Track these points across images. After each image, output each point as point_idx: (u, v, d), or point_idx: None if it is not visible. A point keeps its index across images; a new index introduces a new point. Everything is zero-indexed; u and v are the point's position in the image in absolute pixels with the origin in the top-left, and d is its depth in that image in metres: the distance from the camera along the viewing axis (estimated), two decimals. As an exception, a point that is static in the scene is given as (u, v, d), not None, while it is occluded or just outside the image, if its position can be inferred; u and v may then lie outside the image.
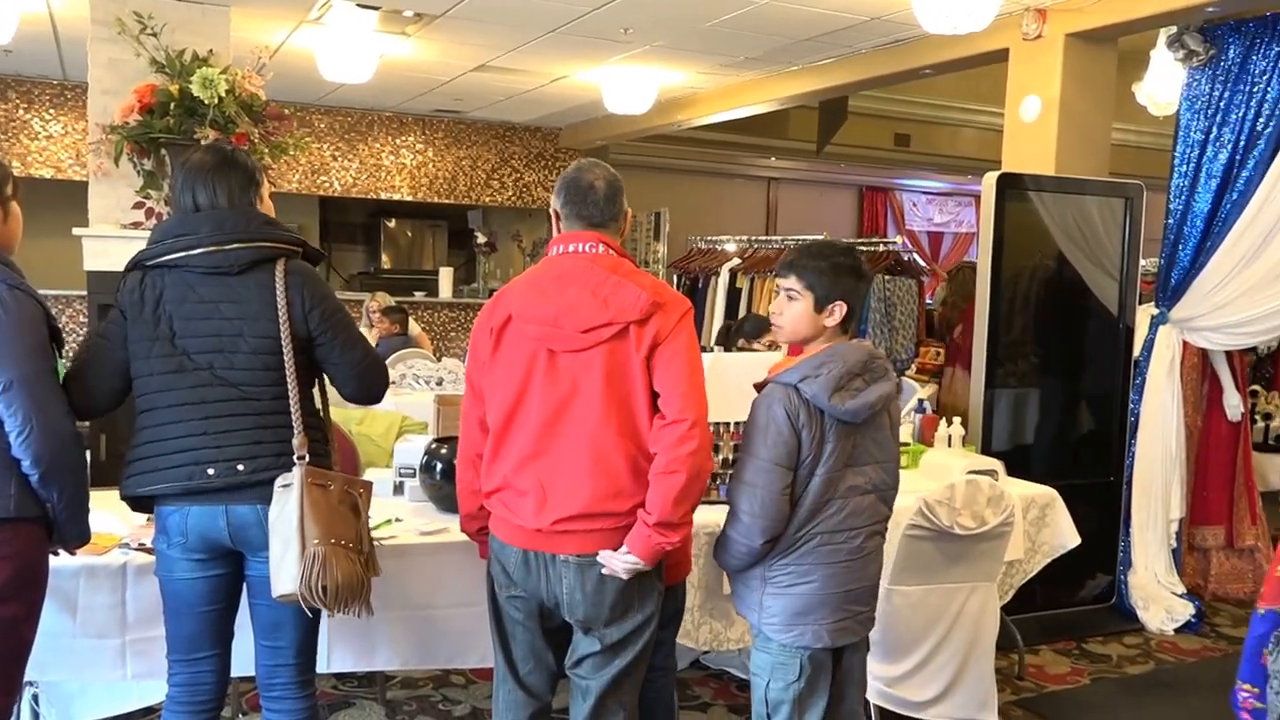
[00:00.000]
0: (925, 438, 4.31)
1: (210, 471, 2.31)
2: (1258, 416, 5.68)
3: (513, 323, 2.35)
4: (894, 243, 6.26)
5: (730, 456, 3.56)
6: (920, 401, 4.47)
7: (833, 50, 6.43)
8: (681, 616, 3.03)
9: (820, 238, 6.44)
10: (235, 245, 2.37)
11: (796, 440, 2.40)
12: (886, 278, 5.83)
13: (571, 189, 2.43)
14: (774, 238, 7.39)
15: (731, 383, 3.53)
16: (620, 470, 2.29)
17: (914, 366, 6.68)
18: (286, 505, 2.29)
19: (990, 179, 4.61)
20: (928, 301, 8.89)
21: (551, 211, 2.48)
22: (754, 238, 7.28)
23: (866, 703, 3.48)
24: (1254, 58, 4.59)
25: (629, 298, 2.30)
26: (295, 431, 2.36)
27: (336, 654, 2.81)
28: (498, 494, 2.38)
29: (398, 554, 2.79)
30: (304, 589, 2.26)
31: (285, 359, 2.36)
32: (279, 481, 2.32)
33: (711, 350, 4.83)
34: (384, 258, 11.00)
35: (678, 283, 7.65)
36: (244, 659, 2.54)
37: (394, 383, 5.76)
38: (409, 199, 10.20)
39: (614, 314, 2.29)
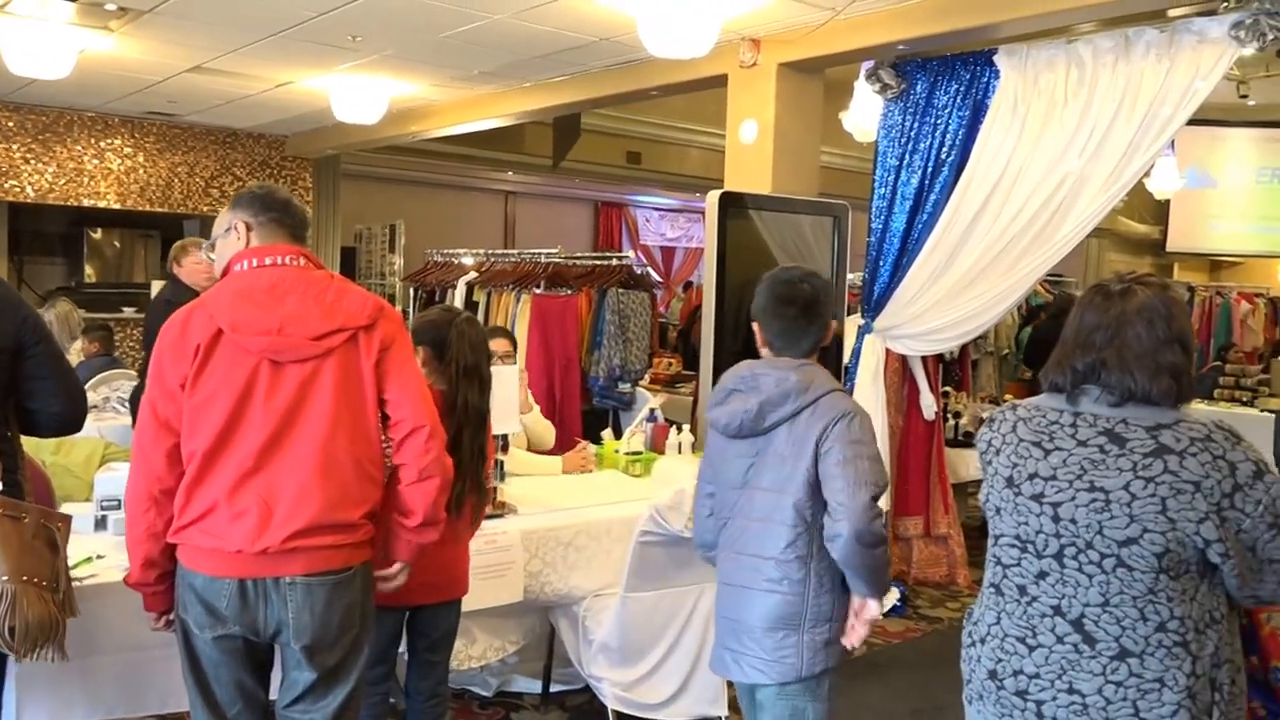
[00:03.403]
0: (657, 446, 4.46)
1: None
2: (949, 415, 6.28)
3: (225, 337, 2.21)
4: (626, 257, 6.43)
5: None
6: (651, 411, 4.62)
7: (564, 68, 6.54)
8: (454, 639, 2.98)
9: (554, 251, 6.52)
10: None
11: (708, 453, 2.58)
12: (620, 291, 5.98)
13: (269, 200, 2.38)
14: (511, 251, 7.40)
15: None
16: (349, 477, 2.26)
17: (648, 377, 6.91)
18: None
19: (713, 197, 4.85)
20: (661, 314, 9.19)
21: (237, 224, 2.36)
22: (491, 251, 7.26)
23: (604, 707, 3.57)
24: (938, 93, 5.10)
25: (355, 303, 2.31)
26: None
27: (28, 712, 2.53)
28: (201, 522, 2.20)
29: (100, 594, 2.57)
30: None
31: None
32: None
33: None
34: (88, 270, 10.08)
35: (414, 296, 7.50)
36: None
37: (96, 406, 5.30)
38: (116, 207, 9.40)
39: (343, 320, 2.27)
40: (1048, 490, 1.83)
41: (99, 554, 2.80)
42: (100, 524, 3.05)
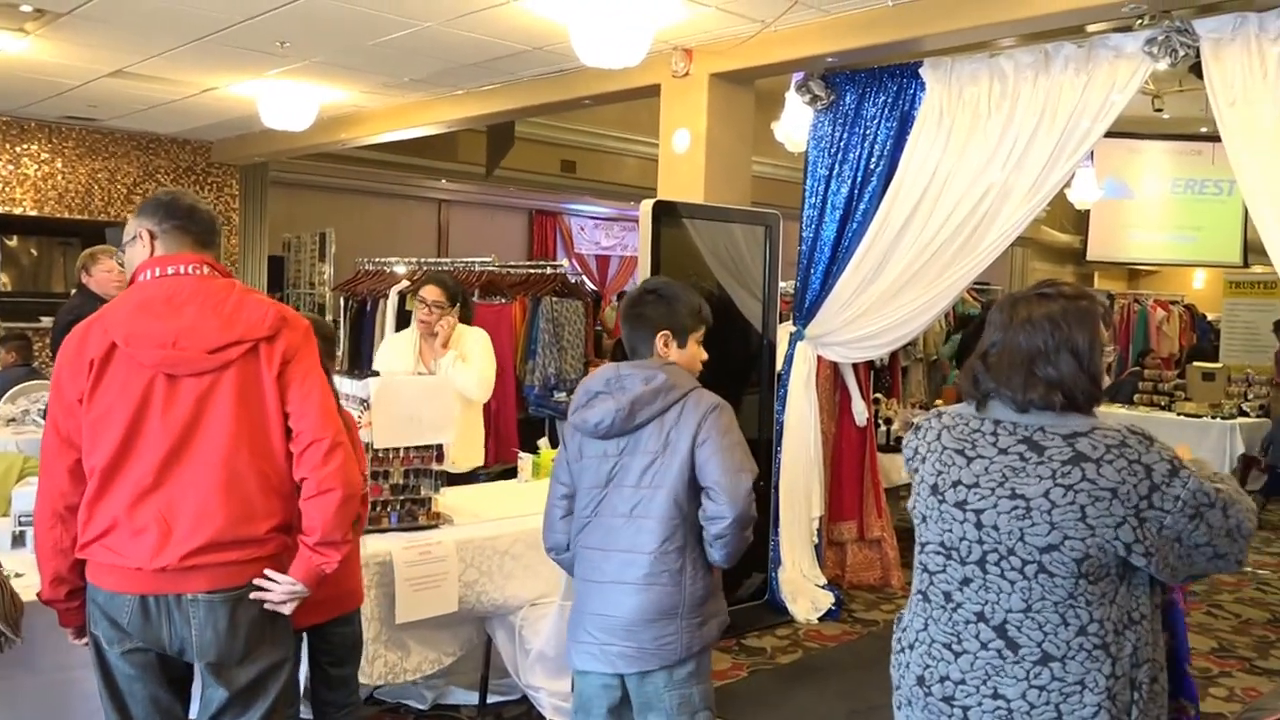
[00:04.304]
0: (593, 454, 4.45)
1: None
2: (880, 421, 6.38)
3: (119, 350, 2.18)
4: (560, 265, 6.44)
5: (401, 482, 3.50)
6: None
7: (497, 76, 6.53)
8: (361, 649, 2.95)
9: (488, 260, 6.51)
10: None
11: (565, 455, 2.63)
12: (554, 299, 5.99)
13: (174, 207, 2.33)
14: (445, 260, 7.35)
15: (403, 407, 3.47)
16: (253, 492, 2.22)
17: (583, 385, 6.90)
18: None
19: (647, 206, 4.87)
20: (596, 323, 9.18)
21: (141, 232, 2.33)
22: (423, 260, 7.21)
23: (542, 718, 3.55)
24: (866, 105, 5.19)
25: (255, 314, 2.25)
26: None
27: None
28: (104, 539, 2.18)
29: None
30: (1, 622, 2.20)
31: None
32: None
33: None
34: (3, 279, 9.75)
35: (345, 305, 7.41)
36: None
37: (14, 419, 5.14)
38: (33, 214, 9.13)
39: (242, 331, 2.22)
40: (970, 498, 1.86)
41: (17, 572, 2.70)
42: (18, 540, 2.95)
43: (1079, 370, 1.82)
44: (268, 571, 2.23)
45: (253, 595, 2.22)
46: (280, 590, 2.23)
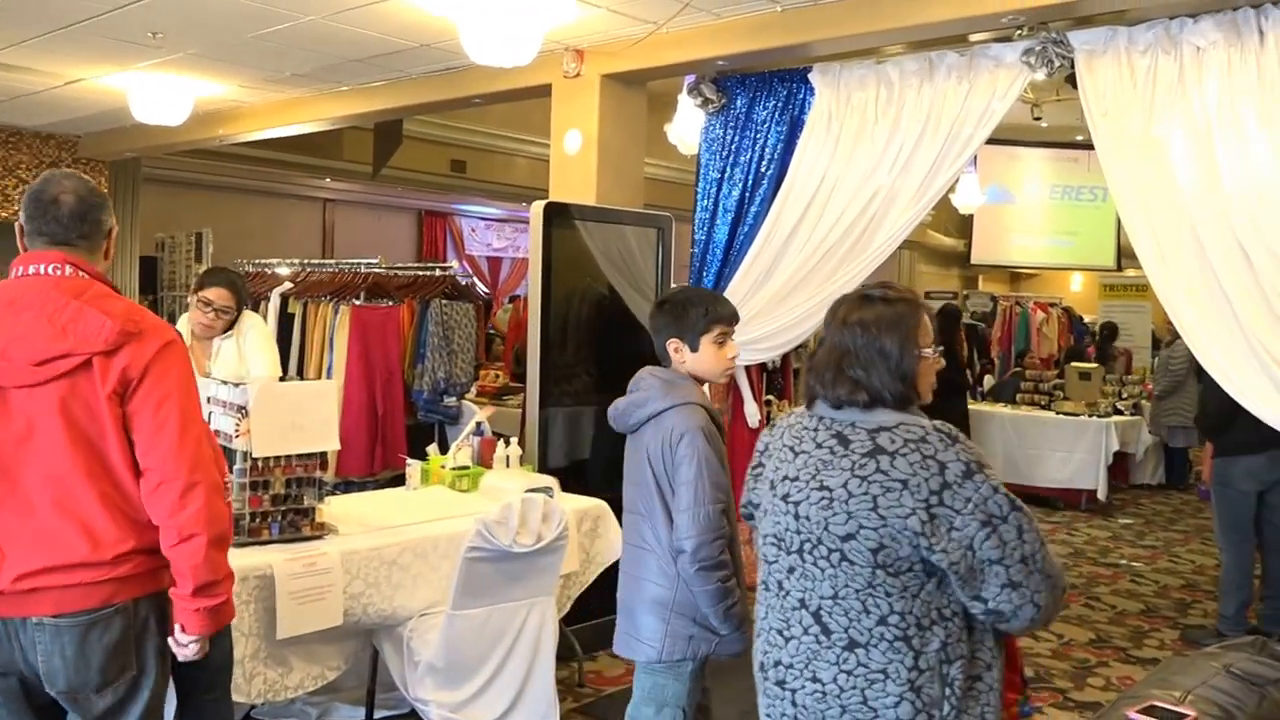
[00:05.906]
0: (484, 460, 4.37)
1: None
2: (772, 422, 6.44)
3: None
4: (450, 267, 6.31)
5: (282, 492, 3.36)
6: (478, 424, 4.52)
7: (383, 73, 6.36)
8: (231, 668, 2.81)
9: (374, 261, 6.34)
10: None
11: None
12: (444, 302, 5.87)
13: (33, 202, 2.17)
14: (329, 261, 7.13)
15: (284, 414, 3.33)
16: (96, 515, 2.07)
17: (475, 390, 6.78)
18: None
19: (538, 207, 4.80)
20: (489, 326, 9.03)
21: (16, 226, 2.20)
22: (308, 260, 6.97)
23: (432, 733, 3.45)
24: (757, 108, 5.22)
25: (92, 326, 2.06)
26: None
27: None
28: None
29: None
30: None
31: None
32: None
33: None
34: None
35: (225, 308, 7.11)
36: None
37: None
38: (-120, 211, 8.55)
39: (73, 344, 2.05)
40: (792, 490, 1.95)
41: None
42: None
43: (887, 372, 1.92)
44: (171, 640, 2.15)
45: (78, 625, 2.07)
46: (190, 650, 2.14)
